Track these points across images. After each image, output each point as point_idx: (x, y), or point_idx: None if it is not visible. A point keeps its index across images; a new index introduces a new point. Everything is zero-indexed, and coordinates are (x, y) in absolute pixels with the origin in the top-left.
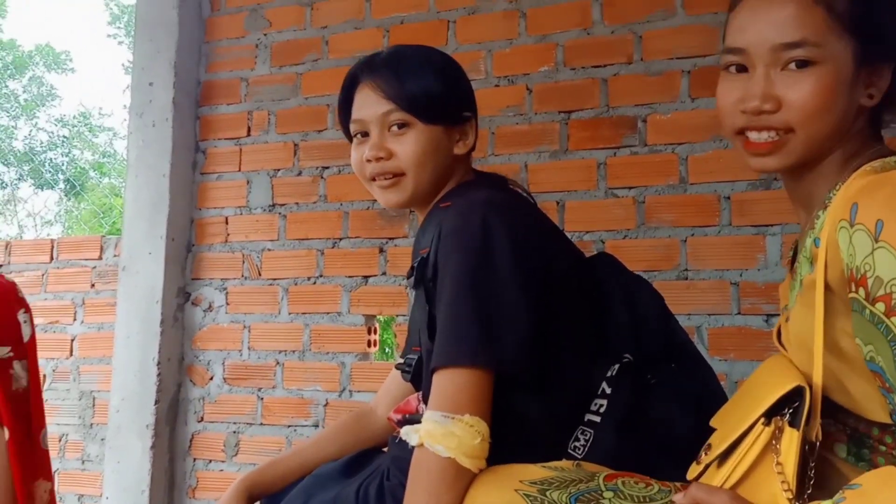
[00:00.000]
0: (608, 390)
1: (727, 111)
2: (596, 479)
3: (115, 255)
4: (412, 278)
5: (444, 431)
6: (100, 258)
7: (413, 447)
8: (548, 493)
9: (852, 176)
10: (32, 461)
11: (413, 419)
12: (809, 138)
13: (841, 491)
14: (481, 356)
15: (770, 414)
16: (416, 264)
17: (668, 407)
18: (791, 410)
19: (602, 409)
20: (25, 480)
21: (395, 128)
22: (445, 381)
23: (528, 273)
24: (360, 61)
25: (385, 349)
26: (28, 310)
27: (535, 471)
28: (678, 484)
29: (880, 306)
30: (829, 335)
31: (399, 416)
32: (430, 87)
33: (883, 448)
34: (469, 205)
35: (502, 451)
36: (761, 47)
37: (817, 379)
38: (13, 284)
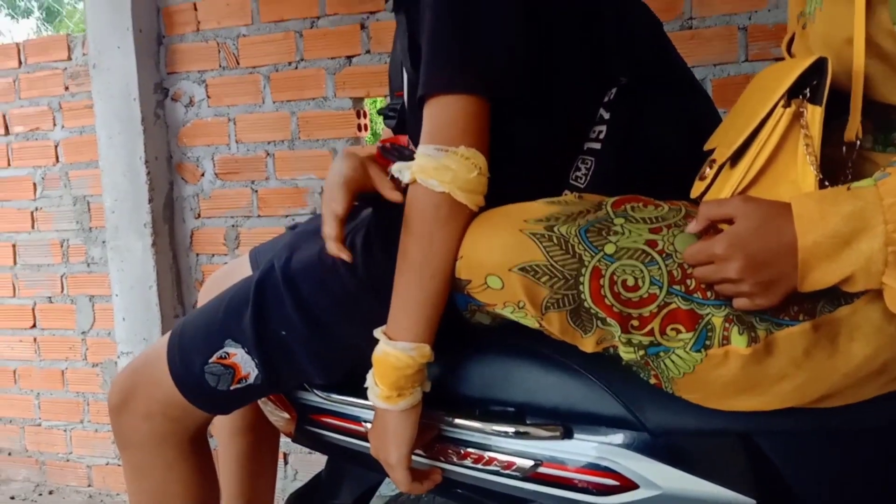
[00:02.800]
0: (606, 116)
1: None
2: (603, 207)
3: (84, 55)
4: (391, 2)
5: (438, 165)
6: (69, 58)
7: (405, 185)
8: (555, 229)
9: None
10: None
11: (402, 152)
12: None
13: (882, 168)
14: (471, 78)
15: (788, 98)
16: None
17: (666, 128)
18: (810, 89)
19: (602, 136)
20: None
21: None
22: (436, 112)
23: None
24: None
25: (376, 133)
26: None
27: (538, 207)
28: (686, 202)
29: None
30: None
31: (387, 145)
32: None
33: None
34: None
35: (501, 183)
36: None
37: (858, 75)
38: None
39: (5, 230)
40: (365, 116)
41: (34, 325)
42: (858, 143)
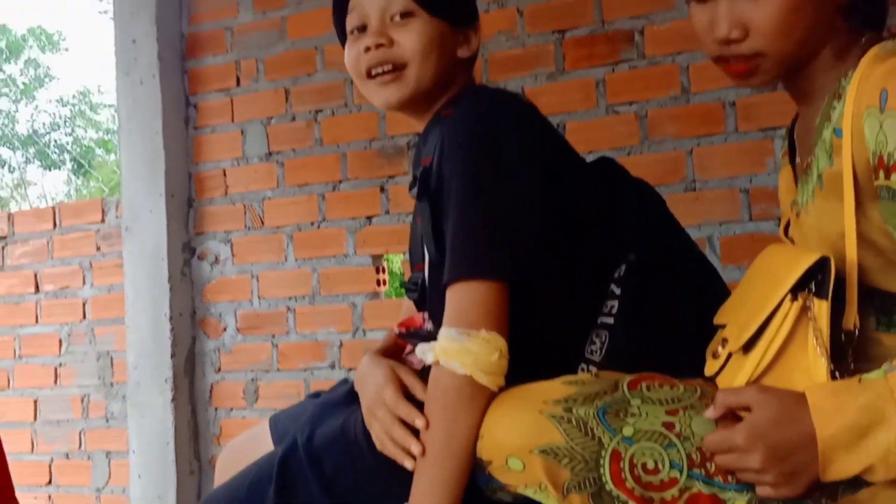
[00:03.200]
0: (618, 291)
1: (704, 40)
2: (620, 387)
3: (117, 217)
4: (415, 190)
5: (460, 348)
6: (102, 221)
7: (428, 366)
8: (574, 410)
9: (864, 61)
10: None
11: (419, 334)
12: (784, 56)
13: (890, 361)
14: (494, 266)
15: (794, 291)
16: (418, 175)
17: (675, 302)
18: (815, 284)
19: (614, 311)
20: None
21: (397, 17)
22: (459, 296)
23: (537, 174)
24: None
25: (395, 287)
26: None
27: (557, 388)
28: (700, 380)
29: None
30: (857, 226)
31: (403, 330)
32: None
33: None
34: (472, 109)
35: (519, 363)
36: None
37: (852, 269)
38: None
39: (28, 386)
40: (384, 272)
41: (50, 482)
42: (857, 331)
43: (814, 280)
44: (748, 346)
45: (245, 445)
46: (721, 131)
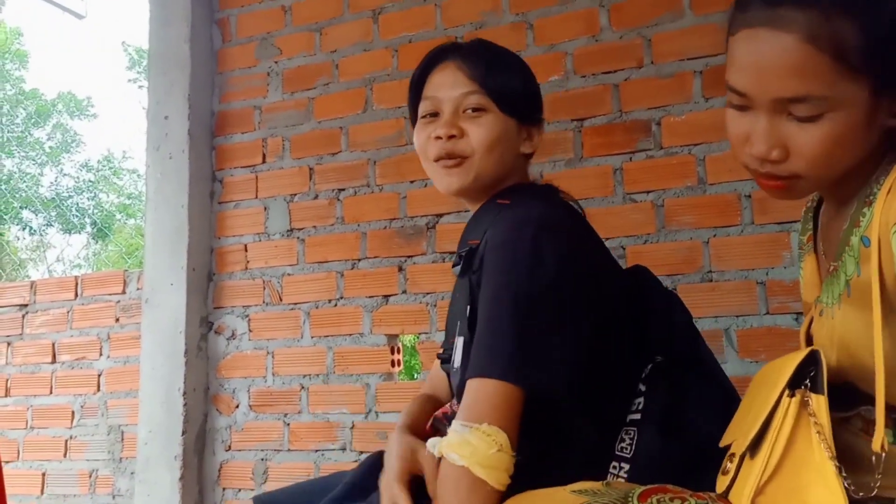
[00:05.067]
0: (643, 388)
1: (737, 148)
2: (630, 499)
3: (138, 289)
4: (458, 267)
5: (460, 440)
6: (123, 292)
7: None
8: None
9: None
10: None
11: (448, 418)
12: (821, 179)
13: None
14: (513, 375)
15: (791, 388)
16: (463, 253)
17: (703, 413)
18: (810, 379)
19: (640, 407)
20: None
21: (470, 111)
22: (473, 391)
23: (575, 294)
24: (445, 44)
25: (409, 369)
26: None
27: (567, 498)
28: (713, 494)
29: None
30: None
31: (441, 414)
32: (513, 78)
33: None
34: (524, 217)
35: (552, 464)
36: (763, 96)
37: (880, 389)
38: None
39: (37, 458)
40: (399, 352)
41: None
42: (884, 454)
43: (807, 376)
44: (754, 450)
45: None
46: (737, 223)
